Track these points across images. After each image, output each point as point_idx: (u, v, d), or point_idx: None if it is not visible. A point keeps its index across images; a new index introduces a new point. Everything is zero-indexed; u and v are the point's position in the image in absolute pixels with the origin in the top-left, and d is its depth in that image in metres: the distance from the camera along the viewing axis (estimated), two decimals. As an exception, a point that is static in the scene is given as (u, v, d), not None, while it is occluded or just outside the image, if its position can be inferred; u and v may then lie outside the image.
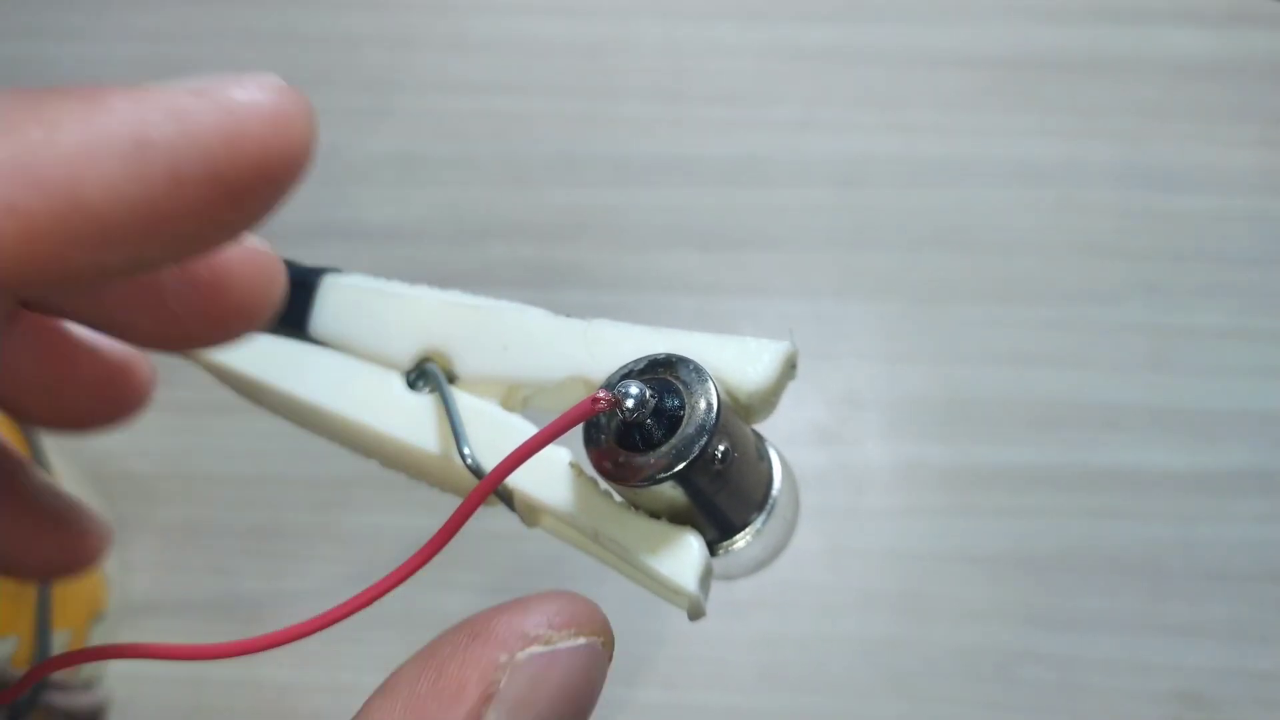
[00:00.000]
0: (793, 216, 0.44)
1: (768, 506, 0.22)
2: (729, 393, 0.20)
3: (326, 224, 0.45)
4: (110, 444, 0.41)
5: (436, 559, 0.18)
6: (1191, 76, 0.46)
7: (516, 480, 0.21)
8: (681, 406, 0.19)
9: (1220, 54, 0.46)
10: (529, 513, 0.22)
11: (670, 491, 0.19)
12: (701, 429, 0.18)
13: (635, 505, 0.20)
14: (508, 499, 0.21)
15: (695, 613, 0.20)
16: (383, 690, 0.15)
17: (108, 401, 0.21)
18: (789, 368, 0.21)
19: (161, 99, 0.13)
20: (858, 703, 0.37)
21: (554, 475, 0.21)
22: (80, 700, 0.35)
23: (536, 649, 0.16)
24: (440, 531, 0.18)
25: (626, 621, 0.39)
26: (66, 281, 0.13)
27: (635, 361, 0.20)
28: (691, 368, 0.19)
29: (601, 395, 0.18)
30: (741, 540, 0.21)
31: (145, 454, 0.41)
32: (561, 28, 0.48)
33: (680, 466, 0.18)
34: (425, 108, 0.47)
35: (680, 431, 0.18)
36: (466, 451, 0.21)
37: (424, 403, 0.22)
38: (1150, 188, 0.44)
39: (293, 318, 0.23)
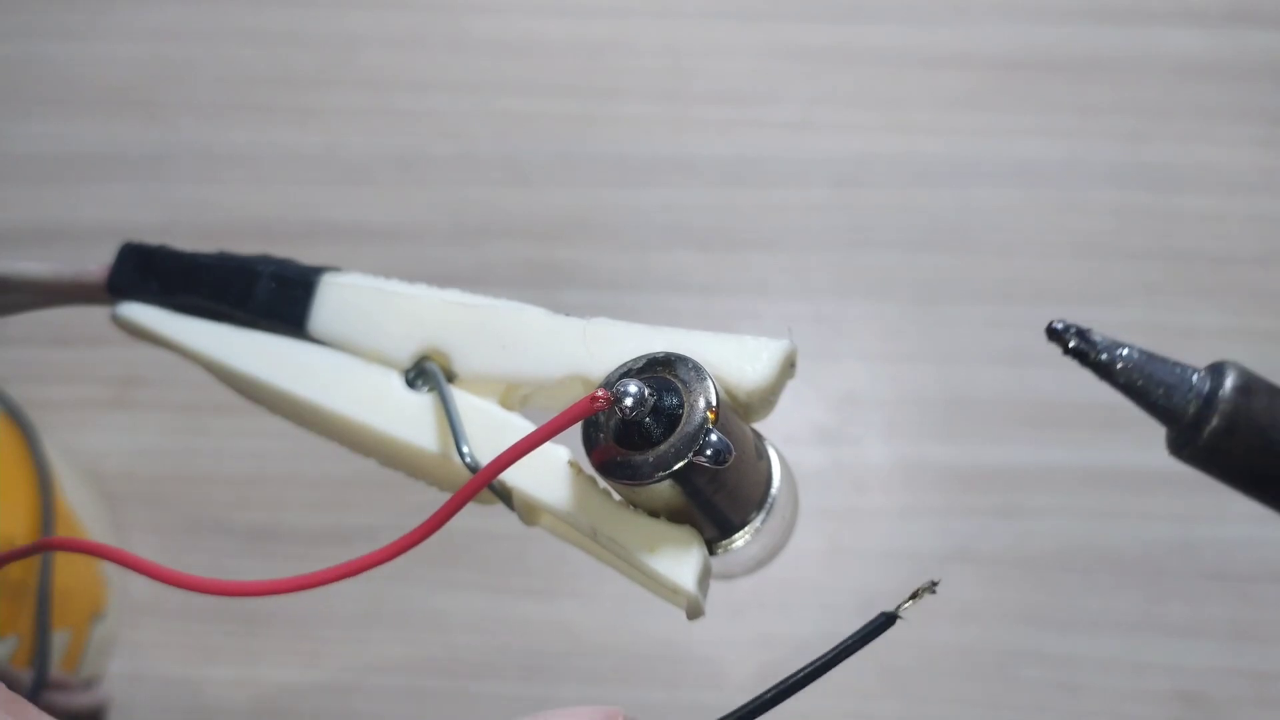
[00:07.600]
0: (793, 216, 0.44)
1: (767, 505, 0.22)
2: (728, 391, 0.20)
3: (326, 224, 0.45)
4: (110, 444, 0.41)
5: (436, 559, 0.18)
6: (1191, 76, 0.46)
7: (515, 478, 0.21)
8: (680, 405, 0.19)
9: (1220, 54, 0.46)
10: (528, 511, 0.22)
11: (669, 490, 0.19)
12: (700, 428, 0.18)
13: (634, 504, 0.20)
14: (506, 497, 0.21)
15: (694, 612, 0.20)
16: None
17: None
18: (788, 366, 0.20)
19: None
20: (858, 703, 0.37)
21: (553, 473, 0.21)
22: (80, 700, 0.35)
23: None
24: (436, 514, 0.18)
25: (626, 621, 0.39)
26: None
27: (634, 360, 0.20)
28: (690, 366, 0.19)
29: (600, 394, 0.18)
30: (740, 539, 0.21)
31: (145, 454, 0.41)
32: (561, 28, 0.48)
33: (679, 465, 0.18)
34: (425, 108, 0.47)
35: (679, 430, 0.18)
36: (465, 450, 0.21)
37: (423, 401, 0.22)
38: (1150, 188, 0.44)
39: (292, 317, 0.23)
